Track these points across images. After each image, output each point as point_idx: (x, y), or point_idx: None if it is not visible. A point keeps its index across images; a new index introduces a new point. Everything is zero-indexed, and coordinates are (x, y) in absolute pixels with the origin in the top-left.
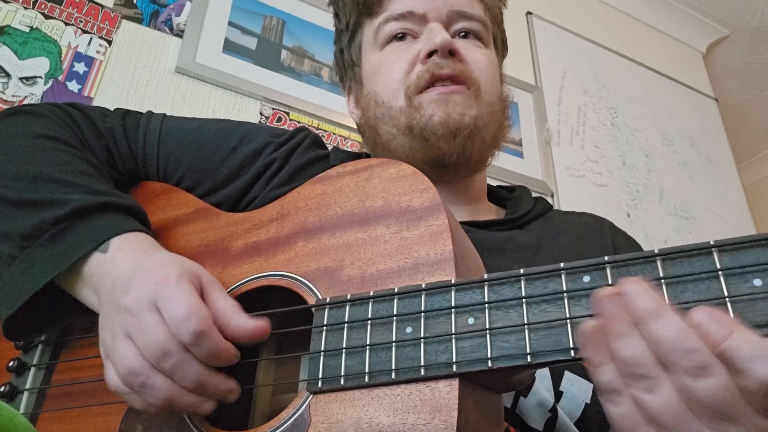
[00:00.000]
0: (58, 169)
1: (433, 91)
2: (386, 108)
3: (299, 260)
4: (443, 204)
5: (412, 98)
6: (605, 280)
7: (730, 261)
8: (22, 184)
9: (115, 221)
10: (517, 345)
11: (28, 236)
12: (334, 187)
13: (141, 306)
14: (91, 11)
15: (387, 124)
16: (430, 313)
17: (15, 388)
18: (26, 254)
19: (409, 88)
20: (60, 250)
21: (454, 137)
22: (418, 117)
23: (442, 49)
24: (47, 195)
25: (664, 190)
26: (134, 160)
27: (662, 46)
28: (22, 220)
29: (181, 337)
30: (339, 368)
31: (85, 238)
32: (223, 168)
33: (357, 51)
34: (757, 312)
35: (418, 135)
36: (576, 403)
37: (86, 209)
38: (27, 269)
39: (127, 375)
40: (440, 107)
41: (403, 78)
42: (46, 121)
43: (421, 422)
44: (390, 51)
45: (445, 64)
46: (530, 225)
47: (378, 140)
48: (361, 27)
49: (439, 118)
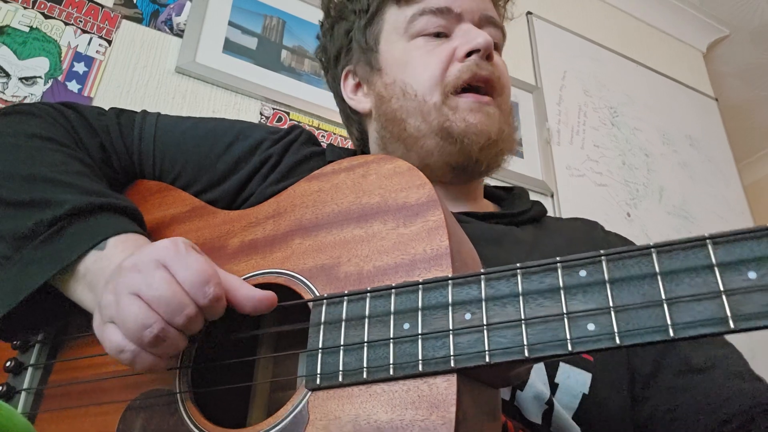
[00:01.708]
0: (52, 169)
1: (470, 97)
2: (419, 102)
3: (296, 258)
4: (439, 200)
5: (448, 97)
6: (601, 274)
7: (724, 254)
8: (16, 184)
9: (111, 221)
10: (514, 340)
11: (23, 237)
12: (330, 184)
13: (148, 264)
14: (91, 11)
15: (417, 118)
16: (427, 308)
17: (12, 389)
18: (21, 255)
19: (446, 86)
20: (56, 250)
21: (489, 147)
22: (455, 120)
23: (485, 49)
24: (42, 195)
25: (664, 189)
26: (130, 158)
27: (662, 45)
28: (16, 220)
29: (198, 299)
30: (337, 365)
31: (81, 238)
32: (220, 164)
33: (375, 35)
34: (752, 304)
35: (457, 139)
36: (572, 395)
37: (82, 210)
38: (22, 269)
39: (137, 330)
40: (478, 116)
41: (441, 74)
42: (40, 121)
43: (419, 418)
44: (421, 44)
45: (484, 66)
46: (525, 225)
47: (402, 134)
48: (383, 11)
49: (479, 129)
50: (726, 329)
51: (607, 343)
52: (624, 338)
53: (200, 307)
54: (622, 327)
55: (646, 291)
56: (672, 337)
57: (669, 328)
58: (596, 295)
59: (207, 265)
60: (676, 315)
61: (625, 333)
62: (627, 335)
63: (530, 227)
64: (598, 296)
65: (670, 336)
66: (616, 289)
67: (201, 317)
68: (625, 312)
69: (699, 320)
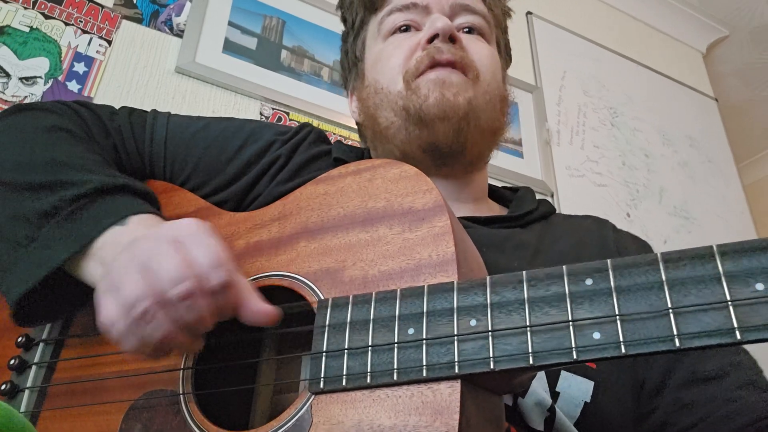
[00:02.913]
0: (73, 157)
1: (430, 73)
2: (385, 94)
3: (301, 260)
4: (446, 205)
5: (410, 82)
6: (608, 283)
7: (732, 265)
8: (38, 169)
9: (134, 202)
10: (519, 347)
11: (46, 214)
12: (336, 188)
13: (162, 237)
14: (91, 11)
15: (385, 109)
16: (432, 314)
17: (16, 387)
18: (43, 233)
19: (408, 72)
20: (79, 227)
21: (448, 118)
22: (415, 98)
23: (443, 33)
24: (65, 176)
25: (664, 190)
26: (141, 160)
27: (662, 46)
28: (39, 200)
29: (208, 281)
30: (341, 369)
31: (105, 215)
32: (230, 168)
33: (361, 47)
34: (759, 316)
35: (414, 116)
36: (574, 404)
37: (106, 188)
38: (46, 245)
39: (129, 303)
40: (437, 88)
41: (403, 63)
42: (56, 116)
43: (422, 424)
44: (392, 41)
45: (445, 48)
46: (532, 225)
47: (376, 128)
48: (365, 24)
49: (435, 99)
50: (733, 340)
51: (612, 352)
52: (629, 347)
53: (207, 292)
54: (627, 336)
55: (652, 300)
56: (678, 347)
57: (675, 338)
58: (602, 303)
59: (225, 252)
60: (682, 325)
61: (631, 342)
62: (633, 345)
63: (537, 227)
64: (604, 305)
65: (676, 346)
66: (622, 298)
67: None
68: (631, 321)
69: (706, 331)
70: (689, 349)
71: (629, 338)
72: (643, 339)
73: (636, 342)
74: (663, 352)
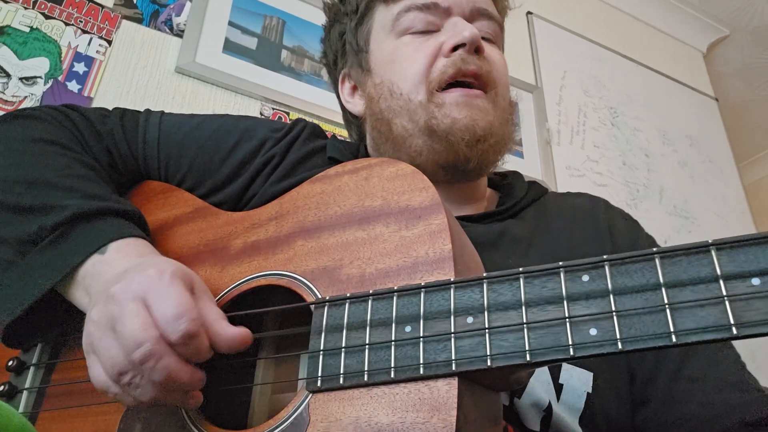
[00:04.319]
0: (56, 174)
1: (456, 92)
2: (404, 101)
3: (298, 259)
4: (442, 203)
5: (434, 94)
6: (604, 279)
7: (728, 260)
8: (20, 189)
9: (113, 226)
10: (516, 344)
11: (26, 242)
12: (333, 186)
13: (127, 295)
14: (91, 11)
15: (403, 118)
16: (429, 312)
17: (14, 388)
18: (25, 261)
19: (431, 83)
20: (58, 256)
21: (477, 144)
22: (441, 116)
23: (471, 43)
24: (45, 200)
25: (664, 189)
26: (135, 162)
27: (662, 45)
28: (19, 225)
29: (168, 335)
30: (338, 367)
31: (83, 243)
32: (224, 168)
33: (365, 36)
34: (754, 311)
35: (443, 137)
36: (577, 395)
37: (84, 215)
38: (26, 275)
39: (113, 370)
40: (464, 111)
41: (426, 71)
42: (45, 125)
43: (420, 421)
44: (409, 41)
45: (471, 60)
46: (523, 213)
47: (388, 134)
48: (372, 11)
49: (465, 124)
50: (729, 335)
51: (609, 349)
52: (626, 344)
53: (169, 349)
54: (624, 332)
55: (648, 296)
56: (675, 342)
57: (672, 333)
58: (599, 300)
59: (184, 299)
60: (678, 321)
61: (628, 338)
62: (629, 341)
63: (530, 213)
64: (600, 301)
65: (673, 342)
66: (618, 295)
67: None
68: (628, 317)
69: (702, 326)
70: (686, 344)
71: (626, 334)
72: (639, 335)
73: (633, 338)
74: (659, 347)
